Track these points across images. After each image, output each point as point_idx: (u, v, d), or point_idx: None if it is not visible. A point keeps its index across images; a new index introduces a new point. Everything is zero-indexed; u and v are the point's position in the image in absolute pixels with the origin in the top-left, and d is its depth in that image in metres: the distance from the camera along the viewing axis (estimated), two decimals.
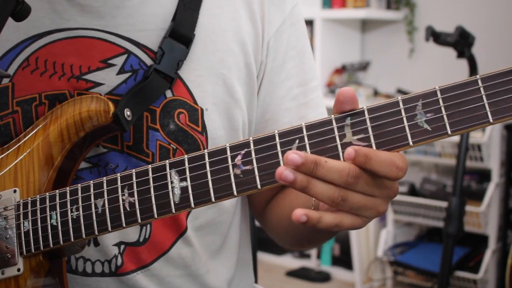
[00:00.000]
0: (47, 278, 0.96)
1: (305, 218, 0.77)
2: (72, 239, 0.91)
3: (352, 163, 0.77)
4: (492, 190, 3.47)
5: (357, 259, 3.84)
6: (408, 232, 3.95)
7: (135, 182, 0.89)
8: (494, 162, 3.47)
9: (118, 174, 0.90)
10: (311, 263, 4.22)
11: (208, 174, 0.84)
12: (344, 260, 4.08)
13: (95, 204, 0.90)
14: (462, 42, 2.41)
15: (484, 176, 3.61)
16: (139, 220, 0.88)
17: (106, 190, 0.90)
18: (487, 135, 3.40)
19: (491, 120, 0.73)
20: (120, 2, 1.02)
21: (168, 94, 1.03)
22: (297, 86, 1.13)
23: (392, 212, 3.78)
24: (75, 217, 0.91)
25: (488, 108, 0.74)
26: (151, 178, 0.88)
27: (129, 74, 1.02)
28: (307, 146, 0.80)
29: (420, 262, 3.64)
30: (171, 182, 0.86)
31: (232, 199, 0.86)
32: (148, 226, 1.06)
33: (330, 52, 4.18)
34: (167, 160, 0.87)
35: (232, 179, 0.83)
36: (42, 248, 0.93)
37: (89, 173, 1.04)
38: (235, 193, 0.83)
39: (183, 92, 1.04)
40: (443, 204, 3.38)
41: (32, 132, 0.99)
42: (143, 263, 1.07)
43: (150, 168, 0.88)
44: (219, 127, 1.06)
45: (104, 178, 0.91)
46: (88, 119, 0.96)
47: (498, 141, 3.45)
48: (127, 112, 0.97)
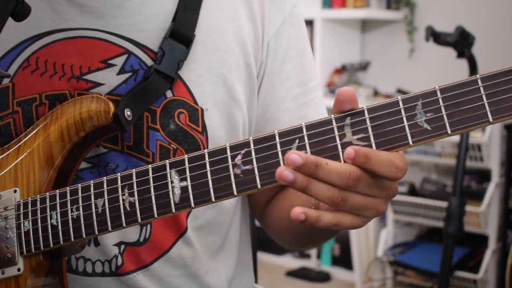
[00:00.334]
0: (47, 278, 0.95)
1: (303, 216, 0.77)
2: (72, 239, 0.91)
3: (352, 163, 0.77)
4: (492, 190, 3.47)
5: (357, 259, 3.84)
6: (408, 232, 3.94)
7: (135, 182, 0.89)
8: (494, 162, 3.47)
9: (118, 174, 0.90)
10: (311, 263, 4.22)
11: (208, 173, 0.84)
12: (344, 260, 4.08)
13: (95, 204, 0.90)
14: (462, 42, 2.41)
15: (484, 176, 3.61)
16: (139, 220, 0.88)
17: (106, 190, 0.90)
18: (487, 135, 3.40)
19: (491, 120, 0.73)
20: (120, 2, 1.02)
21: (168, 94, 1.03)
22: (297, 86, 1.13)
23: (392, 212, 3.78)
24: (75, 217, 0.91)
25: (488, 108, 0.74)
26: (151, 178, 0.88)
27: (129, 74, 1.02)
28: (307, 145, 0.80)
29: (420, 262, 3.64)
30: (171, 182, 0.86)
31: (232, 199, 0.86)
32: (148, 226, 1.06)
33: (330, 52, 4.18)
34: (167, 160, 0.87)
35: (232, 179, 0.83)
36: (42, 248, 0.93)
37: (89, 173, 1.04)
38: (235, 193, 0.83)
39: (183, 92, 1.04)
40: (443, 204, 3.38)
41: (33, 132, 0.99)
42: (143, 263, 1.07)
43: (150, 168, 0.88)
44: (219, 127, 1.07)
45: (104, 178, 0.91)
46: (89, 119, 0.96)
47: (498, 141, 3.45)
48: (127, 112, 0.97)
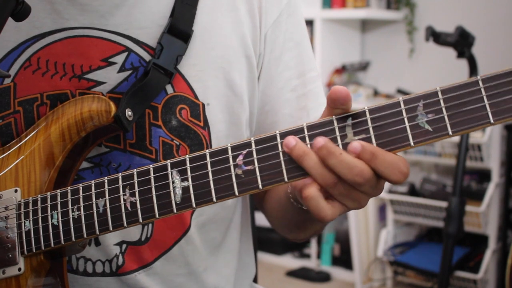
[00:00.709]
0: (47, 278, 0.96)
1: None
2: (73, 239, 0.91)
3: (356, 157, 0.77)
4: (492, 190, 3.47)
5: (357, 259, 3.84)
6: (408, 232, 3.94)
7: (136, 181, 0.89)
8: (494, 162, 3.47)
9: (120, 174, 0.90)
10: (311, 263, 4.22)
11: (210, 174, 0.84)
12: (344, 260, 4.08)
13: (97, 204, 0.90)
14: (462, 42, 2.41)
15: (484, 176, 3.61)
16: (140, 220, 0.88)
17: (107, 190, 0.90)
18: (487, 135, 3.40)
19: (492, 121, 0.74)
20: (120, 0, 1.02)
21: (169, 90, 1.03)
22: (296, 77, 1.12)
23: (392, 212, 3.78)
24: (76, 216, 0.91)
25: (489, 109, 0.74)
26: (153, 178, 0.88)
27: (130, 72, 1.02)
28: (308, 146, 0.80)
29: (420, 262, 3.64)
30: (173, 182, 0.86)
31: None
32: (150, 225, 1.06)
33: (330, 52, 4.18)
34: (169, 160, 0.87)
35: (234, 179, 0.83)
36: (43, 247, 0.93)
37: (90, 172, 1.04)
38: (237, 193, 0.83)
39: (184, 88, 1.04)
40: (443, 204, 3.38)
41: (34, 132, 0.99)
42: (144, 262, 1.07)
43: (152, 168, 0.88)
44: (221, 121, 1.07)
45: (106, 178, 0.91)
46: (90, 119, 0.96)
47: (498, 141, 3.45)
48: (129, 112, 0.97)
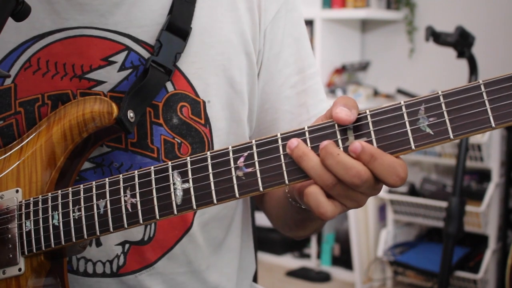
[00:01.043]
0: (48, 278, 0.96)
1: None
2: (74, 240, 0.92)
3: (356, 158, 0.78)
4: (492, 190, 3.47)
5: (357, 259, 3.85)
6: (408, 232, 3.95)
7: (137, 183, 0.89)
8: (494, 162, 3.47)
9: (121, 175, 0.90)
10: (311, 263, 4.22)
11: (211, 176, 0.85)
12: (344, 260, 4.08)
13: (97, 205, 0.91)
14: (462, 42, 2.41)
15: (484, 176, 3.61)
16: (141, 221, 0.88)
17: (108, 191, 0.90)
18: (487, 135, 3.40)
19: (493, 125, 0.74)
20: None
21: (170, 88, 1.03)
22: (295, 74, 1.12)
23: (392, 212, 3.78)
24: (77, 217, 0.91)
25: (490, 113, 0.74)
26: (153, 179, 0.88)
27: (130, 70, 1.02)
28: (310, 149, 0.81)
29: (420, 262, 3.64)
30: (173, 184, 0.86)
31: None
32: (153, 224, 1.06)
33: (330, 52, 4.18)
34: (170, 162, 0.87)
35: (234, 181, 0.83)
36: (44, 248, 0.93)
37: (92, 173, 1.04)
38: (237, 195, 0.83)
39: (184, 86, 1.04)
40: (443, 204, 3.38)
41: (35, 133, 0.99)
42: (147, 262, 1.07)
43: (153, 170, 0.88)
44: (222, 119, 1.07)
45: (107, 179, 0.91)
46: (91, 120, 0.96)
47: (498, 141, 3.45)
48: (130, 114, 0.97)
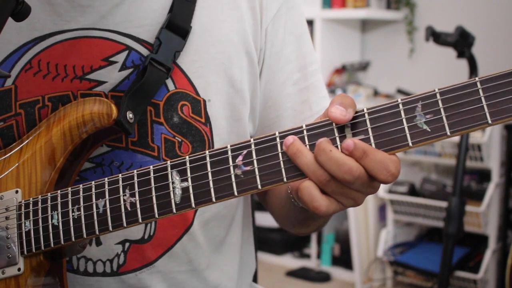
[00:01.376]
0: (47, 278, 0.96)
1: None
2: (73, 239, 0.92)
3: (349, 155, 0.78)
4: (492, 190, 3.47)
5: (357, 259, 3.85)
6: (408, 232, 3.95)
7: (136, 182, 0.89)
8: (494, 162, 3.47)
9: (120, 174, 0.91)
10: (311, 263, 4.22)
11: (209, 174, 0.85)
12: (344, 260, 4.08)
13: (97, 204, 0.91)
14: (462, 42, 2.41)
15: (484, 176, 3.61)
16: (140, 220, 0.88)
17: (107, 190, 0.91)
18: (487, 135, 3.40)
19: (490, 122, 0.74)
20: (120, 0, 1.02)
21: (171, 87, 1.03)
22: (297, 71, 1.13)
23: (392, 212, 3.78)
24: (76, 217, 0.92)
25: (486, 110, 0.75)
26: (152, 178, 0.88)
27: (131, 70, 1.02)
28: (308, 147, 0.81)
29: (420, 262, 3.64)
30: (172, 183, 0.87)
31: None
32: (153, 222, 1.07)
33: (330, 52, 4.18)
34: (169, 161, 0.88)
35: (233, 180, 0.84)
36: (43, 247, 0.93)
37: (93, 173, 1.04)
38: (236, 193, 0.84)
39: (185, 84, 1.04)
40: (443, 204, 3.38)
41: (35, 134, 0.99)
42: (147, 260, 1.07)
43: (152, 169, 0.88)
44: (222, 118, 1.07)
45: (106, 179, 0.91)
46: (91, 121, 0.97)
47: (498, 141, 3.45)
48: (129, 114, 0.98)
